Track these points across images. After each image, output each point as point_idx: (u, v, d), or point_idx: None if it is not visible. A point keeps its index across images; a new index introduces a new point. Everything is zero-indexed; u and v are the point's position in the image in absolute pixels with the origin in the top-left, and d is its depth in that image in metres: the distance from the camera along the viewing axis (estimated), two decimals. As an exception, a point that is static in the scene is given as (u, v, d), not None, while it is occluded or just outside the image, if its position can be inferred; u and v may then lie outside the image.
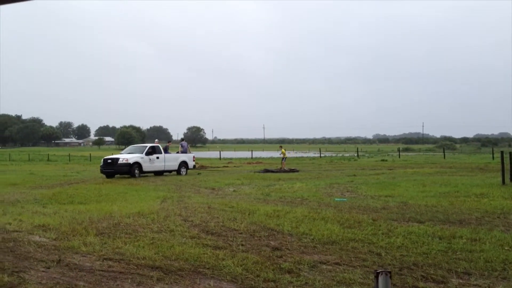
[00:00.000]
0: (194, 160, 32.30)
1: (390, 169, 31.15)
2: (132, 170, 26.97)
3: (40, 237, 9.44)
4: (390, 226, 10.09)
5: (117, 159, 27.13)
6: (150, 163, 28.11)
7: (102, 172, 27.71)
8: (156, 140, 34.11)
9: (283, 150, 36.67)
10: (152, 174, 29.02)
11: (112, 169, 26.95)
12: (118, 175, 27.76)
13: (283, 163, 35.12)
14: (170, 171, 29.84)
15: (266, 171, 31.60)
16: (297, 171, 31.77)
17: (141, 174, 27.70)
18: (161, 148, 29.62)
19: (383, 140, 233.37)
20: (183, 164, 30.38)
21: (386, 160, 46.12)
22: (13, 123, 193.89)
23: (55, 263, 7.37)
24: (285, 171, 31.64)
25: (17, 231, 10.04)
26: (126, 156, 27.48)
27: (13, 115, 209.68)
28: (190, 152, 32.60)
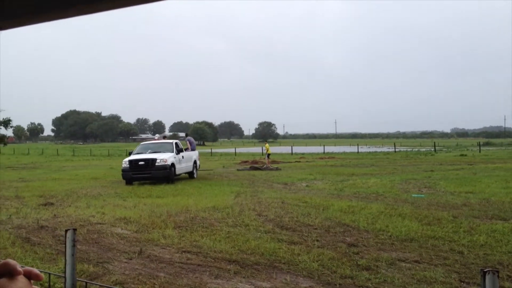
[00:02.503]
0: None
1: (470, 164, 29.84)
2: (171, 173, 20.53)
3: (121, 229, 9.82)
4: (472, 223, 9.68)
5: (154, 160, 20.33)
6: (179, 165, 21.94)
7: (127, 177, 20.35)
8: (157, 135, 27.25)
9: (267, 145, 34.67)
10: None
11: (148, 173, 20.15)
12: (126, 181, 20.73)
13: (267, 160, 33.04)
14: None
15: (252, 168, 29.82)
16: (280, 169, 29.39)
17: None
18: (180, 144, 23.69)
19: (461, 134, 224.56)
20: (195, 164, 24.55)
21: (466, 155, 44.22)
22: (93, 119, 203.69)
23: (136, 255, 7.65)
24: (269, 169, 29.27)
25: (100, 223, 10.50)
26: (163, 156, 20.69)
27: (94, 112, 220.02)
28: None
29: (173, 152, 21.66)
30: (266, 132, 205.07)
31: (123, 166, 20.67)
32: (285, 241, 8.43)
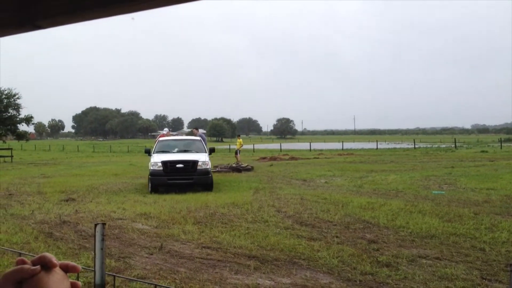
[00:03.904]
0: None
1: (492, 161, 29.44)
2: (212, 179, 16.84)
3: (142, 224, 9.92)
4: (494, 220, 9.58)
5: (195, 162, 16.55)
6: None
7: (160, 183, 16.30)
8: (166, 129, 23.05)
9: (240, 140, 30.90)
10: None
11: (188, 179, 16.34)
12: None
13: (237, 157, 29.21)
14: None
15: (232, 169, 25.40)
16: (252, 167, 26.15)
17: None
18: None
19: (482, 130, 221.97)
20: None
21: (487, 151, 43.64)
22: (113, 116, 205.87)
23: (157, 250, 7.72)
24: (243, 168, 25.73)
25: (121, 219, 10.60)
26: (203, 157, 17.03)
27: (113, 109, 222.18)
28: None
29: (206, 152, 18.02)
30: (284, 128, 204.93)
31: (152, 168, 16.40)
32: (305, 237, 8.43)
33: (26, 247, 7.96)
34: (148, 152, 18.00)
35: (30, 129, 52.11)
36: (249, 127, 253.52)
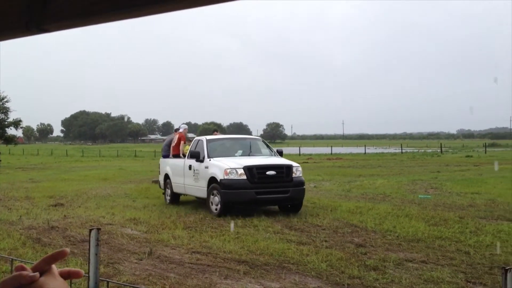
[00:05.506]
0: None
1: (476, 166, 29.81)
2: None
3: (131, 230, 9.92)
4: (478, 224, 9.74)
5: (289, 168, 12.04)
6: None
7: (246, 199, 11.42)
8: (183, 125, 17.60)
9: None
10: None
11: (285, 191, 11.53)
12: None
13: None
14: None
15: None
16: None
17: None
18: None
19: (467, 135, 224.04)
20: None
21: (472, 156, 44.06)
22: (103, 120, 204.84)
23: (146, 255, 7.73)
24: None
25: (110, 224, 10.59)
26: (291, 162, 12.83)
27: (103, 112, 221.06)
28: None
29: (276, 155, 13.66)
30: (274, 133, 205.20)
31: (227, 177, 11.35)
32: (294, 241, 8.51)
33: (14, 253, 7.91)
34: (196, 157, 12.78)
35: (19, 133, 51.51)
36: (239, 131, 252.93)
